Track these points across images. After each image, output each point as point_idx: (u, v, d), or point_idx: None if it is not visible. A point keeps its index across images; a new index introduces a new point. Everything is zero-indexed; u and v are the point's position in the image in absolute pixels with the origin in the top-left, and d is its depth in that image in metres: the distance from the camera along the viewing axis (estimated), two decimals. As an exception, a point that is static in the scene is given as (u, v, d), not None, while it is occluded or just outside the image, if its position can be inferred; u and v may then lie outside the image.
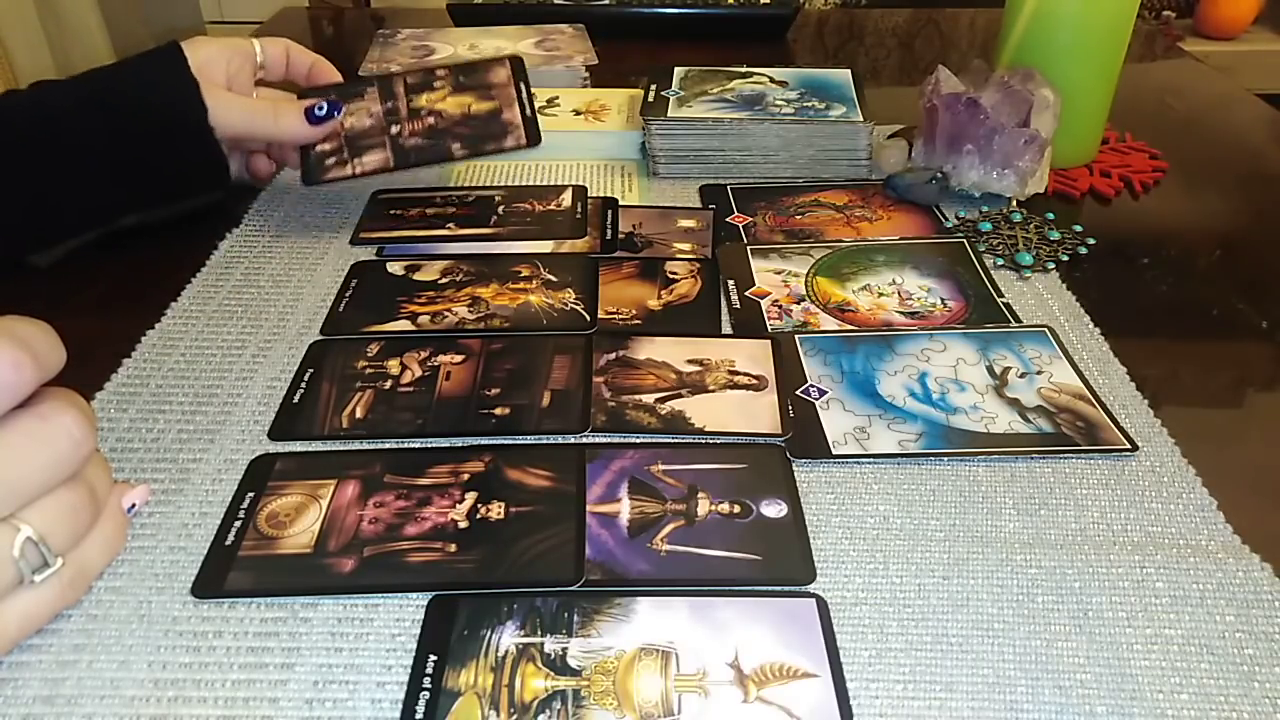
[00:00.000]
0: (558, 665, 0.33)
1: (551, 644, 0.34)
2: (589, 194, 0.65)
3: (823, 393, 0.47)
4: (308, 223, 0.61)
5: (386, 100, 0.61)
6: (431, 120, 0.60)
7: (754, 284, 0.55)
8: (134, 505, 0.38)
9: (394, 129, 0.60)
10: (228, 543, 0.38)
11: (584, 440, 0.44)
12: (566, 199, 0.64)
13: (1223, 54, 2.00)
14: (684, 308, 0.54)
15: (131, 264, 0.57)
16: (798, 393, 0.47)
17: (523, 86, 0.62)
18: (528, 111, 0.60)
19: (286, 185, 0.65)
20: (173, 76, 0.55)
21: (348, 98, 0.61)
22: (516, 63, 0.63)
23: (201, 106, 0.54)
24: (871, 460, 0.43)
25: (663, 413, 0.45)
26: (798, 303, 0.54)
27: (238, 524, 0.39)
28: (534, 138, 0.59)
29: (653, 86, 0.72)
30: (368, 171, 0.59)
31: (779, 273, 0.56)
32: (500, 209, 0.62)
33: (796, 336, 0.51)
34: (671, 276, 0.56)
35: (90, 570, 0.35)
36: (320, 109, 0.58)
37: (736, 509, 0.40)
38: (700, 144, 0.67)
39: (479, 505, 0.40)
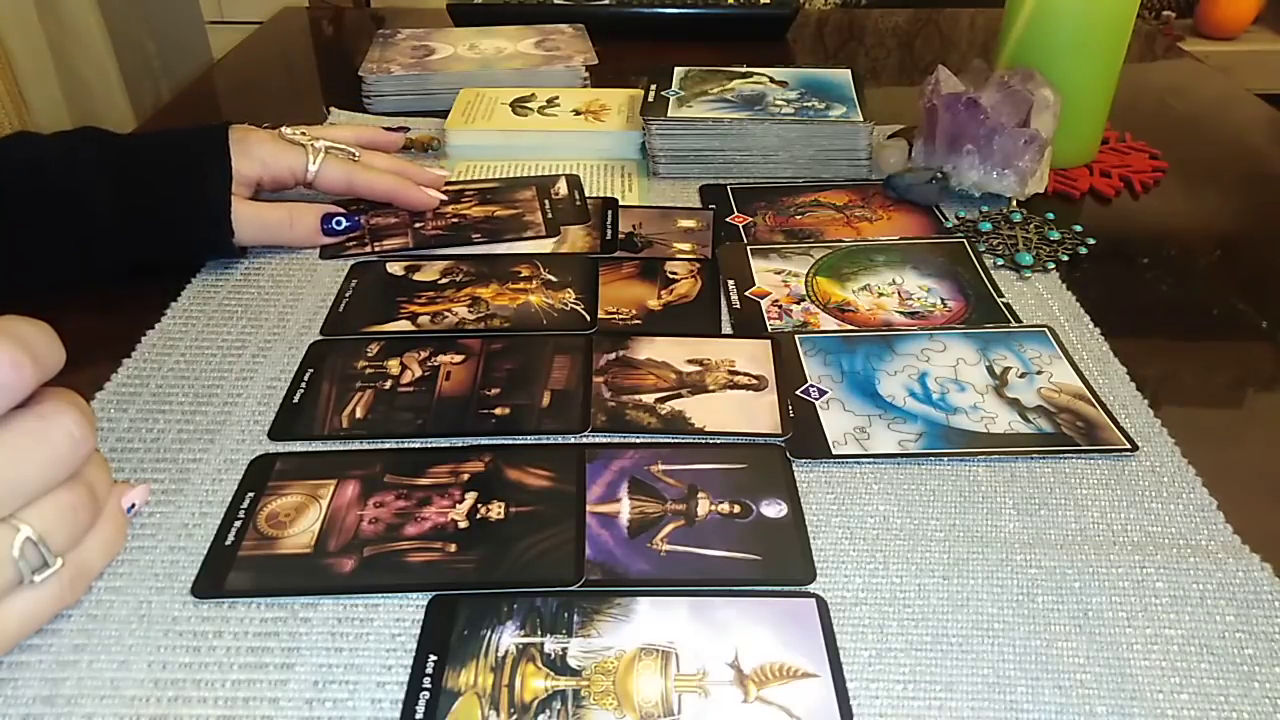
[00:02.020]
0: (558, 665, 0.33)
1: (551, 644, 0.34)
2: (588, 195, 0.65)
3: (823, 393, 0.47)
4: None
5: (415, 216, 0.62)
6: (455, 220, 0.61)
7: (754, 284, 0.55)
8: (134, 505, 0.38)
9: (417, 224, 0.61)
10: (228, 543, 0.38)
11: (584, 440, 0.44)
12: (562, 188, 0.64)
13: (1223, 54, 2.00)
14: (684, 308, 0.54)
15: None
16: (798, 393, 0.47)
17: (548, 200, 0.62)
18: (549, 214, 0.61)
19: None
20: (210, 191, 0.54)
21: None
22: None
23: (228, 226, 0.54)
24: (871, 460, 0.43)
25: (663, 413, 0.45)
26: (798, 303, 0.54)
27: (238, 524, 0.39)
28: (553, 230, 0.60)
29: (653, 86, 0.72)
30: (385, 250, 0.58)
31: (779, 273, 0.56)
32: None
33: (796, 336, 0.51)
34: (671, 276, 0.56)
35: (90, 570, 0.35)
36: (338, 222, 0.57)
37: (736, 509, 0.40)
38: (700, 144, 0.67)
39: (479, 505, 0.40)
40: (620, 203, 0.64)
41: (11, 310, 0.31)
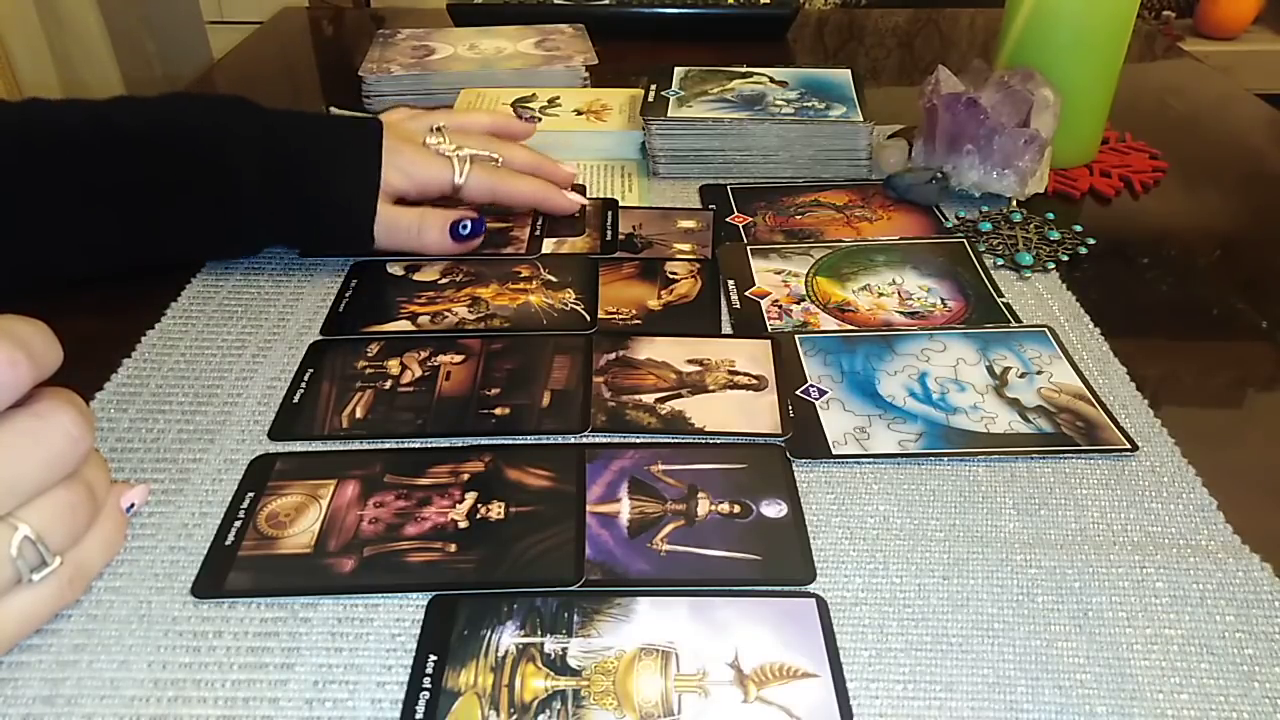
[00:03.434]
0: (558, 665, 0.33)
1: (551, 644, 0.34)
2: (588, 194, 0.65)
3: (823, 393, 0.47)
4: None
5: None
6: None
7: (754, 284, 0.55)
8: (133, 505, 0.38)
9: None
10: (228, 543, 0.38)
11: (584, 440, 0.44)
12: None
13: (1223, 54, 2.00)
14: (684, 308, 0.54)
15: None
16: (798, 393, 0.47)
17: (539, 219, 0.62)
18: (536, 231, 0.60)
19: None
20: (359, 195, 0.54)
21: None
22: (577, 189, 0.64)
23: (369, 231, 0.54)
24: (871, 460, 0.43)
25: (663, 413, 0.45)
26: (798, 303, 0.54)
27: (238, 524, 0.39)
28: (533, 249, 0.59)
29: (653, 86, 0.72)
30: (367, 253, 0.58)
31: (779, 273, 0.56)
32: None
33: (796, 336, 0.51)
34: (671, 277, 0.56)
35: (89, 569, 0.35)
36: (464, 227, 0.56)
37: (736, 509, 0.40)
38: (700, 144, 0.67)
39: (479, 505, 0.40)
40: (620, 203, 0.64)
41: (11, 310, 0.31)
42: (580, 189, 0.64)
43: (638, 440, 0.44)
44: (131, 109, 0.52)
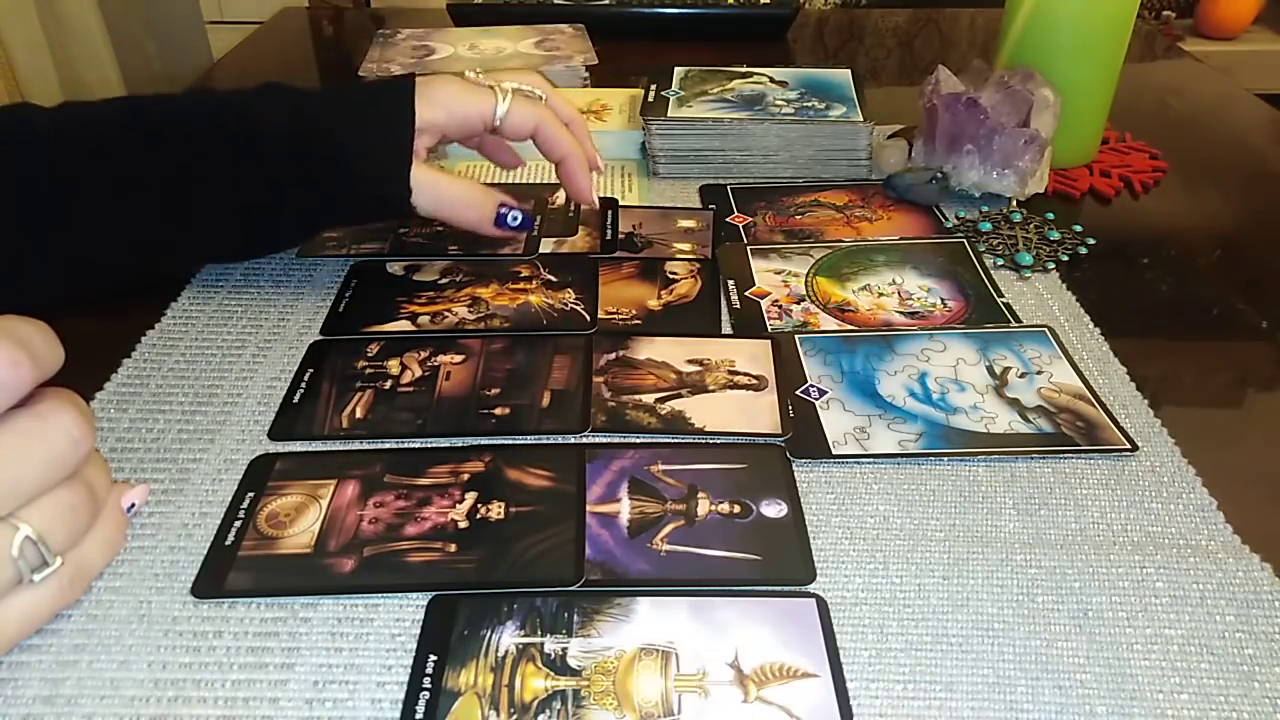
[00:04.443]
0: (558, 665, 0.33)
1: (551, 644, 0.34)
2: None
3: (823, 393, 0.47)
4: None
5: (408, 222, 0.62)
6: (440, 229, 0.60)
7: (754, 284, 0.55)
8: (133, 505, 0.38)
9: (401, 230, 0.60)
10: (228, 543, 0.38)
11: (584, 440, 0.44)
12: (561, 197, 0.64)
13: (1223, 54, 2.00)
14: (684, 308, 0.54)
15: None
16: (798, 393, 0.47)
17: (540, 215, 0.61)
18: (534, 231, 0.60)
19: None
20: (387, 150, 0.50)
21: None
22: (611, 203, 0.64)
23: (405, 183, 0.50)
24: (871, 460, 0.43)
25: (663, 413, 0.45)
26: (798, 303, 0.54)
27: (238, 524, 0.39)
28: (531, 249, 0.58)
29: (653, 86, 0.72)
30: (360, 254, 0.58)
31: (779, 273, 0.56)
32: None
33: (796, 336, 0.51)
34: (671, 276, 0.56)
35: (90, 570, 0.35)
36: (514, 218, 0.53)
37: (736, 509, 0.40)
38: (700, 144, 0.67)
39: (479, 505, 0.40)
40: (620, 203, 0.64)
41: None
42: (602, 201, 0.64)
43: (638, 440, 0.44)
44: (164, 103, 0.51)
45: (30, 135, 0.48)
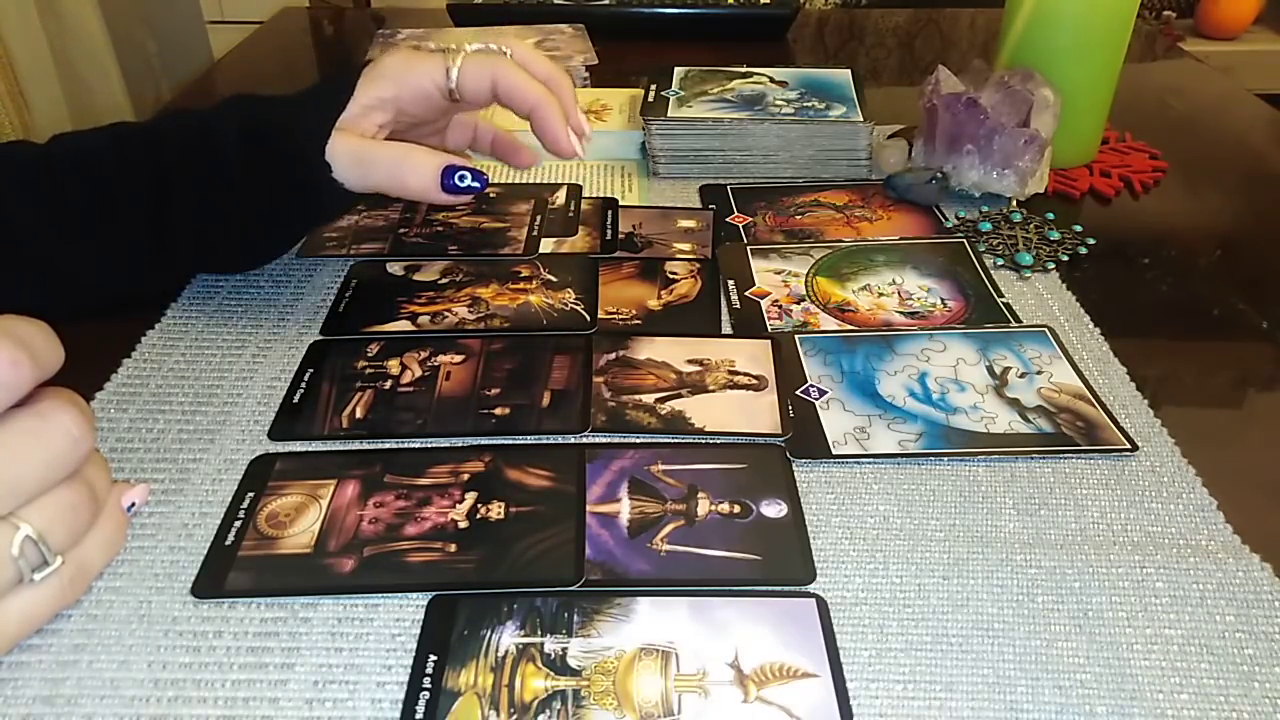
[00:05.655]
0: (558, 665, 0.33)
1: (551, 644, 0.34)
2: (586, 194, 0.65)
3: (823, 393, 0.47)
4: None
5: (406, 211, 0.62)
6: (440, 229, 0.60)
7: (754, 284, 0.55)
8: (134, 504, 0.38)
9: (401, 230, 0.60)
10: (228, 543, 0.38)
11: (584, 440, 0.44)
12: (560, 197, 0.64)
13: (1223, 54, 2.00)
14: (684, 308, 0.54)
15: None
16: (798, 393, 0.47)
17: (540, 215, 0.61)
18: (534, 230, 0.60)
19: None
20: (310, 129, 0.48)
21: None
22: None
23: (322, 164, 0.47)
24: (871, 460, 0.43)
25: (663, 413, 0.45)
26: (798, 303, 0.54)
27: (238, 524, 0.39)
28: (531, 250, 0.58)
29: (653, 86, 0.72)
30: (360, 254, 0.58)
31: (779, 273, 0.56)
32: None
33: (796, 336, 0.51)
34: (671, 276, 0.56)
35: (90, 569, 0.35)
36: (461, 177, 0.49)
37: (736, 509, 0.40)
38: (700, 144, 0.67)
39: (479, 505, 0.40)
40: (620, 203, 0.64)
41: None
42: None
43: (638, 440, 0.44)
44: (141, 125, 0.51)
45: (18, 163, 0.48)
